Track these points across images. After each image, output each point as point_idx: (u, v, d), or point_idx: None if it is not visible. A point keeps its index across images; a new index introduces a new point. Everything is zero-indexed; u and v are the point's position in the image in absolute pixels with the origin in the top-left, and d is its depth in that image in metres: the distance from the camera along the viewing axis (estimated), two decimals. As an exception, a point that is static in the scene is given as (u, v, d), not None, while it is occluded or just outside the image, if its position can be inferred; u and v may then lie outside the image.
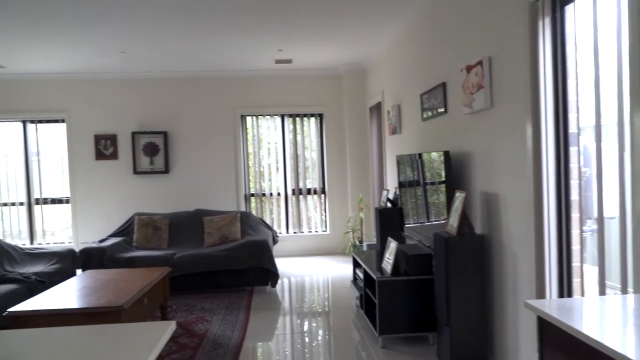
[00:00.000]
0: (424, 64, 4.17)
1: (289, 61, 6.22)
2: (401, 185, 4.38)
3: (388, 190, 4.91)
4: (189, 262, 4.93)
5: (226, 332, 3.84)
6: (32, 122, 6.71)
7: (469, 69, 3.09)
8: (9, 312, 3.00)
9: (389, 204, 4.71)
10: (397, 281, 3.37)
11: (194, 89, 6.78)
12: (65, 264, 4.85)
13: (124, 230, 5.78)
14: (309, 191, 7.07)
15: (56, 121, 6.72)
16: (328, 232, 7.03)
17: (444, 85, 3.63)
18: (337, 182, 6.99)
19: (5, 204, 6.75)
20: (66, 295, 3.35)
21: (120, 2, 3.89)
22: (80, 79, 6.62)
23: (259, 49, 5.58)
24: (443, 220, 3.27)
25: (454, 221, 2.91)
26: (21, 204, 6.76)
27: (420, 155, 3.76)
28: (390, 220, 4.49)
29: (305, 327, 3.95)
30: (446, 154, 3.19)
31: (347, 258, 6.57)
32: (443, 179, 3.25)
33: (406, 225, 4.25)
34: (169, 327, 1.26)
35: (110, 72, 6.53)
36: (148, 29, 4.63)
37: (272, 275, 5.01)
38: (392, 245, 3.63)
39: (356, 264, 4.50)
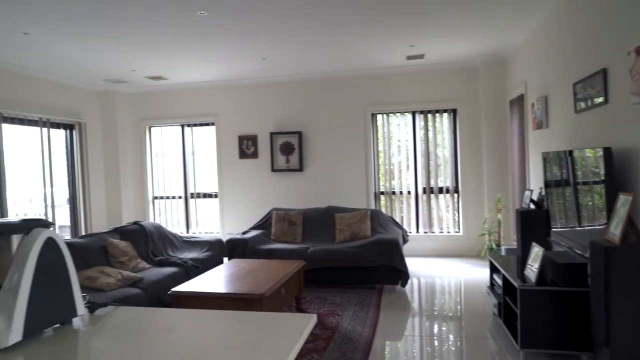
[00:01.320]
0: (578, 48, 3.69)
1: (420, 56, 6.06)
2: (547, 185, 3.96)
3: (531, 191, 4.48)
4: (321, 257, 5.12)
5: (357, 327, 3.89)
6: (188, 125, 7.64)
7: (639, 51, 2.65)
8: (173, 291, 3.46)
9: (532, 206, 4.29)
10: (542, 291, 3.05)
11: (326, 90, 7.02)
12: (215, 252, 5.41)
13: (263, 224, 6.24)
14: (440, 190, 6.81)
15: (207, 124, 7.55)
16: (461, 233, 6.69)
17: (604, 72, 3.17)
18: (471, 181, 6.61)
19: (167, 197, 7.80)
20: (216, 280, 3.73)
21: (260, 17, 4.19)
22: (227, 86, 7.32)
23: (390, 46, 5.53)
24: (600, 226, 2.86)
25: (616, 228, 2.53)
26: (179, 197, 7.75)
27: (571, 152, 3.35)
28: (533, 223, 4.09)
29: (436, 331, 3.81)
30: (607, 151, 2.78)
31: (481, 262, 6.18)
32: (601, 178, 2.84)
33: (553, 230, 3.83)
34: (311, 321, 1.30)
35: (252, 78, 7.10)
36: (285, 36, 4.91)
37: (402, 275, 4.95)
38: (537, 251, 3.30)
39: (494, 269, 4.20)
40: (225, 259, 5.65)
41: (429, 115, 6.78)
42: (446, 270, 5.88)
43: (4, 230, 1.17)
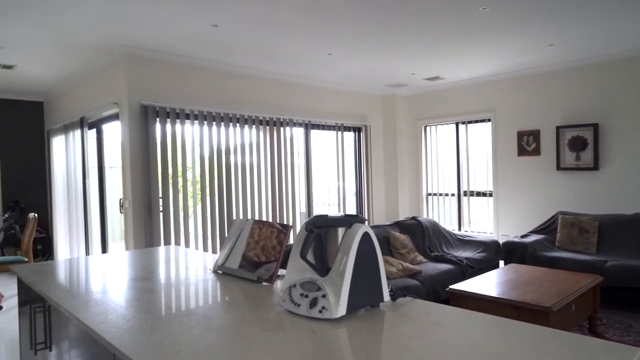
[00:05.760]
0: None
1: None
2: None
3: None
4: (624, 274, 4.27)
5: (679, 370, 3.07)
6: (462, 123, 7.59)
7: None
8: (451, 288, 3.52)
9: None
10: None
11: (632, 71, 5.76)
12: (490, 253, 5.22)
13: (546, 228, 5.65)
14: None
15: (482, 121, 7.32)
16: None
17: None
18: None
19: (440, 194, 7.98)
20: (493, 283, 3.60)
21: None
22: (505, 79, 6.91)
23: None
24: None
25: None
26: (452, 195, 7.80)
27: None
28: None
29: None
30: None
31: None
32: None
33: None
34: (636, 355, 1.10)
35: (533, 68, 6.49)
36: (583, 13, 4.27)
37: None
38: None
39: None
40: (501, 262, 5.39)
41: None
42: None
43: (333, 223, 1.44)
